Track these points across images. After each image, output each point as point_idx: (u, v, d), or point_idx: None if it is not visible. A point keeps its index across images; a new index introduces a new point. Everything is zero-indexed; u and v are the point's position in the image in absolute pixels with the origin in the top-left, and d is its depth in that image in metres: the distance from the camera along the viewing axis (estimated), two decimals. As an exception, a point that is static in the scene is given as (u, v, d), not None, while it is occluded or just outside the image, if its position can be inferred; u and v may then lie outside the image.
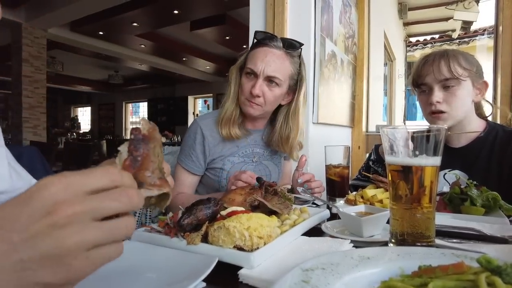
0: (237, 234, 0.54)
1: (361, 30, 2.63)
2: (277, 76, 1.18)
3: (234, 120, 1.23)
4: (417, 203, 0.54)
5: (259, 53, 1.18)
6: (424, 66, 1.23)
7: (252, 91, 1.16)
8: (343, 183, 1.15)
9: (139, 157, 0.41)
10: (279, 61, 1.19)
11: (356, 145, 2.65)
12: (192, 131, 1.27)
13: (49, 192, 0.29)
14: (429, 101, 1.22)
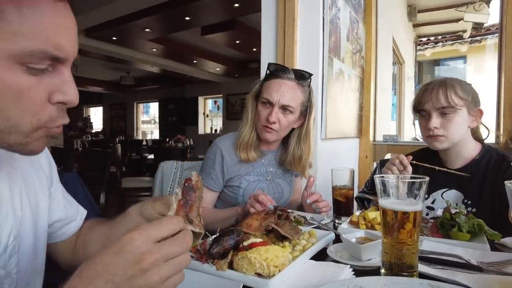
0: (257, 264, 0.68)
1: (368, 44, 2.73)
2: (290, 105, 1.33)
3: (251, 145, 1.38)
4: (403, 240, 0.67)
5: (274, 84, 1.33)
6: (424, 93, 1.35)
7: (269, 119, 1.31)
8: (348, 203, 1.28)
9: (189, 201, 0.57)
10: (292, 91, 1.34)
11: (363, 155, 2.76)
12: (212, 152, 1.42)
13: (136, 245, 0.43)
14: (427, 126, 1.33)
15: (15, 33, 0.45)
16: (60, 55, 0.50)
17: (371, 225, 1.11)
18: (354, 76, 2.49)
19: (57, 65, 0.51)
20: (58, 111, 0.53)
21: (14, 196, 0.66)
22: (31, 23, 0.46)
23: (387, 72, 3.63)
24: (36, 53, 0.47)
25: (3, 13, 0.44)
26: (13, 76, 0.46)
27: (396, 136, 2.93)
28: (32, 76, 0.48)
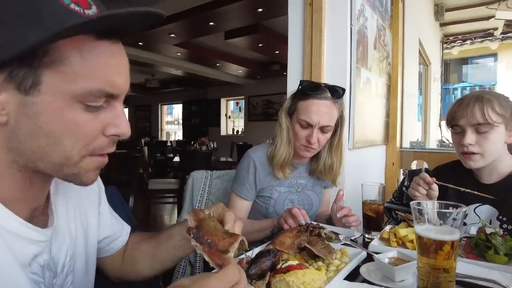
0: (295, 287, 0.71)
1: (395, 50, 2.69)
2: (330, 125, 1.37)
3: (287, 162, 1.41)
4: (439, 267, 0.68)
5: (312, 106, 1.34)
6: (458, 108, 1.30)
7: (310, 140, 1.34)
8: (378, 218, 1.28)
9: (208, 240, 0.58)
10: (329, 111, 1.36)
11: (390, 162, 2.73)
12: (246, 163, 1.47)
13: None
14: (461, 142, 1.29)
15: (77, 75, 0.50)
16: (114, 92, 0.54)
17: (402, 242, 1.11)
18: (381, 84, 2.47)
19: (111, 101, 0.55)
20: (108, 142, 0.57)
21: (70, 218, 0.72)
22: (90, 65, 0.50)
23: (413, 76, 3.57)
24: (94, 92, 0.51)
25: (67, 59, 0.49)
26: (73, 113, 0.51)
27: (423, 142, 2.88)
28: (89, 113, 0.53)
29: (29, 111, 0.49)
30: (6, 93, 0.49)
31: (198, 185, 1.81)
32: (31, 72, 0.48)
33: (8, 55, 0.46)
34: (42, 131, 0.51)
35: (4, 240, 0.53)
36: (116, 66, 0.54)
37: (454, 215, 0.69)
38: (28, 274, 0.58)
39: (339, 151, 1.48)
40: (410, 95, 3.16)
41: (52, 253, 0.65)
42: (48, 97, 0.49)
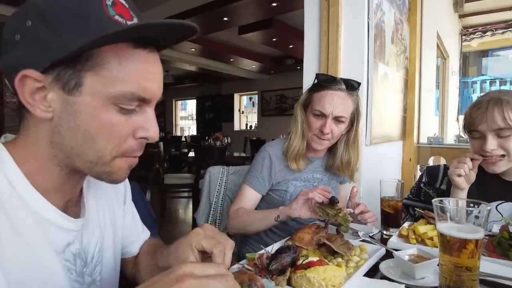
0: (316, 283, 0.72)
1: (412, 43, 2.64)
2: (343, 115, 1.36)
3: (300, 154, 1.42)
4: (462, 266, 0.68)
5: (326, 96, 1.35)
6: (476, 112, 1.24)
7: (324, 130, 1.35)
8: (396, 215, 1.27)
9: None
10: (344, 102, 1.36)
11: (407, 157, 2.70)
12: (261, 156, 1.48)
13: (181, 270, 0.47)
14: (483, 148, 1.23)
15: (114, 79, 0.54)
16: (146, 97, 0.58)
17: (422, 239, 1.11)
18: (398, 78, 2.43)
19: (143, 105, 0.59)
20: (137, 145, 0.61)
21: (99, 212, 0.76)
22: (127, 70, 0.55)
23: (431, 70, 3.49)
24: (127, 95, 0.55)
25: (107, 64, 0.54)
26: (108, 114, 0.55)
27: (441, 138, 2.82)
28: (122, 115, 0.57)
29: (71, 109, 0.54)
30: (53, 92, 0.54)
31: (215, 181, 1.83)
32: (75, 74, 0.53)
33: (58, 58, 0.50)
34: (80, 128, 0.55)
35: (41, 226, 0.58)
36: (150, 72, 0.58)
37: (478, 213, 0.68)
38: (61, 261, 0.62)
39: (356, 146, 1.48)
40: (428, 89, 3.10)
41: (83, 243, 0.69)
42: (88, 97, 0.54)
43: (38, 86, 0.53)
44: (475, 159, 1.25)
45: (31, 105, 0.54)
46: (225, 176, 1.85)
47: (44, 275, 0.58)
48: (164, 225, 4.66)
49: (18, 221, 0.55)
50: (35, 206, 0.58)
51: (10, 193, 0.55)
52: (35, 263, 0.57)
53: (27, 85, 0.53)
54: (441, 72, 5.36)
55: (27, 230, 0.56)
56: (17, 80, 0.53)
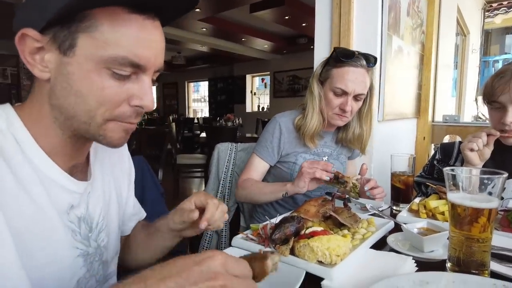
0: (319, 253, 0.70)
1: (430, 17, 2.52)
2: (363, 93, 1.34)
3: (317, 132, 1.39)
4: (474, 237, 0.64)
5: (348, 73, 1.30)
6: (498, 82, 1.18)
7: (345, 108, 1.32)
8: (407, 190, 1.24)
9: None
10: (364, 79, 1.33)
11: (421, 136, 2.63)
12: (272, 126, 1.45)
13: (215, 264, 0.44)
14: (503, 120, 1.18)
15: (106, 43, 0.54)
16: (140, 63, 0.57)
17: (432, 214, 1.07)
18: (414, 53, 2.33)
19: (139, 73, 0.59)
20: (132, 112, 0.61)
21: (104, 182, 0.76)
22: (119, 35, 0.55)
23: (449, 46, 3.34)
24: (119, 59, 0.55)
25: (101, 26, 0.54)
26: (99, 77, 0.56)
27: (457, 116, 2.73)
28: (116, 80, 0.57)
29: (64, 70, 0.56)
30: (50, 53, 0.56)
31: (223, 157, 1.82)
32: (70, 35, 0.54)
33: (52, 16, 0.52)
34: (72, 89, 0.56)
35: (44, 184, 0.59)
36: (145, 39, 0.57)
37: (492, 183, 0.64)
38: (64, 221, 0.63)
39: (368, 120, 1.45)
40: (445, 66, 2.97)
41: (89, 209, 0.70)
42: (80, 59, 0.55)
43: (37, 46, 0.55)
44: (492, 134, 1.20)
45: (30, 64, 0.56)
46: (233, 153, 1.83)
47: (45, 230, 0.59)
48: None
49: (22, 176, 0.56)
50: (39, 165, 0.59)
51: (16, 150, 0.57)
52: (37, 217, 0.58)
53: (27, 44, 0.55)
54: (460, 50, 5.14)
55: (31, 186, 0.57)
56: (17, 38, 0.54)
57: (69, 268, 0.64)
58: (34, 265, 0.57)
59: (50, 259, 0.60)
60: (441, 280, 0.61)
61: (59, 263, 0.62)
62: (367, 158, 1.81)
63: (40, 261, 0.58)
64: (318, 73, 1.40)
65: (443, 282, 0.60)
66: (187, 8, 0.62)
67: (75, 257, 0.65)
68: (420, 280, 0.60)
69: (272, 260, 0.49)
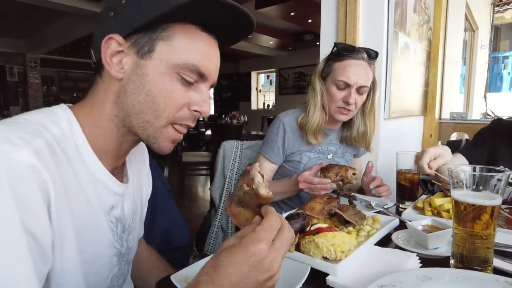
0: (324, 249, 0.71)
1: (437, 13, 2.50)
2: (366, 85, 1.34)
3: (320, 128, 1.39)
4: (477, 234, 0.65)
5: (350, 66, 1.31)
6: None
7: (348, 101, 1.32)
8: (413, 188, 1.24)
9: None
10: (366, 71, 1.33)
11: (428, 133, 2.62)
12: (276, 126, 1.46)
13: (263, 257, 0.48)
14: None
15: (181, 51, 0.62)
16: (205, 73, 0.65)
17: (438, 211, 1.08)
18: (420, 50, 2.32)
19: (200, 83, 0.66)
20: (190, 116, 0.67)
21: (135, 187, 0.80)
22: (193, 46, 0.63)
23: (457, 42, 3.30)
24: (190, 66, 0.63)
25: (177, 37, 0.62)
26: (170, 80, 0.63)
27: (465, 113, 2.71)
28: (182, 85, 0.64)
29: (140, 71, 0.62)
30: (128, 56, 0.63)
31: (229, 155, 1.83)
32: (150, 42, 0.62)
33: (139, 25, 0.60)
34: (144, 88, 0.62)
35: (95, 185, 0.64)
36: (211, 54, 0.66)
37: (496, 180, 0.65)
38: (107, 221, 0.68)
39: (372, 116, 1.45)
40: (453, 62, 2.95)
41: (124, 210, 0.74)
42: (156, 62, 0.62)
43: (118, 50, 0.62)
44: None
45: (109, 64, 0.62)
46: (239, 151, 1.85)
47: (95, 229, 0.64)
48: (183, 201, 4.77)
49: (80, 177, 0.61)
50: (91, 166, 0.63)
51: (75, 153, 0.61)
52: (90, 216, 0.63)
53: (111, 47, 0.62)
54: (468, 46, 5.08)
55: (87, 186, 0.62)
56: (103, 42, 0.61)
57: (107, 266, 0.69)
58: (83, 261, 0.61)
59: (96, 256, 0.65)
60: (444, 276, 0.61)
61: (101, 261, 0.67)
62: (373, 156, 1.81)
63: (87, 258, 0.62)
64: (320, 69, 1.40)
65: (446, 277, 0.61)
66: (242, 35, 0.71)
67: (112, 256, 0.70)
68: (423, 275, 0.61)
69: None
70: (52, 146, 0.56)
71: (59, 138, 0.58)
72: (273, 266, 0.49)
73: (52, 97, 14.07)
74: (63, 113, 0.63)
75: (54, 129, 0.59)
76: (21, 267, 0.47)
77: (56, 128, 0.59)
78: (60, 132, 0.59)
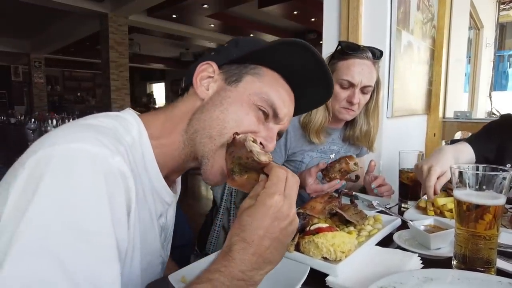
0: (324, 249, 0.70)
1: (441, 11, 2.48)
2: (370, 85, 1.32)
3: (323, 128, 1.38)
4: (480, 234, 0.64)
5: (354, 65, 1.30)
6: None
7: (352, 101, 1.31)
8: (415, 187, 1.23)
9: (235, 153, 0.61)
10: (370, 70, 1.32)
11: (431, 132, 2.59)
12: None
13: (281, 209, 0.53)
14: None
15: (264, 87, 0.69)
16: (279, 113, 0.70)
17: (440, 211, 1.06)
18: (424, 48, 2.30)
19: (272, 122, 0.71)
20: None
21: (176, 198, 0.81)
22: (275, 87, 0.70)
23: (462, 41, 3.27)
24: (268, 101, 0.68)
25: (264, 76, 0.70)
26: (247, 107, 0.67)
27: (469, 112, 2.68)
28: (256, 117, 0.68)
29: (223, 93, 0.68)
30: (217, 82, 0.69)
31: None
32: (239, 74, 0.69)
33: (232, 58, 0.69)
34: (222, 106, 0.67)
35: (152, 194, 0.66)
36: (287, 101, 0.72)
37: (500, 180, 0.63)
38: (158, 228, 0.70)
39: (375, 116, 1.44)
40: (457, 61, 2.92)
41: (168, 218, 0.75)
42: (240, 90, 0.68)
43: (210, 75, 0.69)
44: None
45: (197, 85, 0.68)
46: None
47: (152, 237, 0.67)
48: (186, 200, 4.78)
49: (144, 187, 0.63)
50: (153, 176, 0.65)
51: (141, 161, 0.63)
52: (149, 225, 0.65)
53: (205, 71, 0.69)
54: (473, 44, 5.03)
55: (148, 195, 0.64)
56: (200, 65, 0.69)
57: (155, 275, 0.71)
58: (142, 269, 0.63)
59: (149, 265, 0.67)
60: (445, 277, 0.60)
61: (151, 269, 0.69)
62: (376, 155, 1.80)
63: (144, 266, 0.64)
64: None
65: (447, 279, 0.60)
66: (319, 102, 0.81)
67: (158, 264, 0.72)
68: (424, 276, 0.60)
69: None
70: (127, 154, 0.57)
71: (131, 145, 0.61)
72: (290, 212, 0.54)
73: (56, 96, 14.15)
74: (133, 121, 0.65)
75: (127, 136, 0.61)
76: (111, 270, 0.48)
77: (128, 136, 0.61)
78: (132, 140, 0.61)
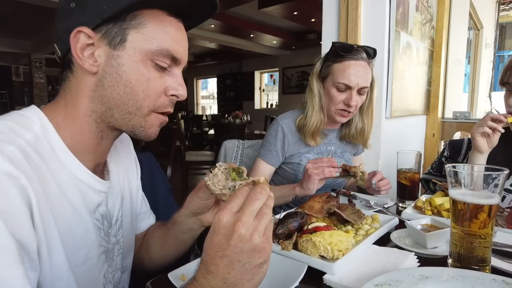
0: (321, 247, 0.71)
1: (440, 12, 2.49)
2: (367, 86, 1.33)
3: (318, 130, 1.39)
4: (475, 233, 0.65)
5: (350, 67, 1.29)
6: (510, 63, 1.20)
7: (350, 103, 1.31)
8: (413, 187, 1.24)
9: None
10: (366, 71, 1.32)
11: (430, 133, 2.60)
12: (274, 129, 1.46)
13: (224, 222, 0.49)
14: (508, 102, 1.20)
15: (152, 37, 0.62)
16: (177, 56, 0.65)
17: (438, 211, 1.07)
18: (423, 49, 2.31)
19: (173, 66, 0.66)
20: (168, 102, 0.67)
21: (120, 179, 0.80)
22: (163, 32, 0.63)
23: (461, 41, 3.27)
24: (163, 52, 0.63)
25: (148, 24, 0.62)
26: (146, 68, 0.63)
27: (468, 112, 2.69)
28: (157, 72, 0.64)
29: (114, 62, 0.61)
30: (100, 49, 0.61)
31: (230, 154, 1.84)
32: (121, 32, 0.61)
33: (108, 15, 0.59)
34: (122, 79, 0.62)
35: (77, 187, 0.64)
36: (180, 38, 0.66)
37: (494, 179, 0.64)
38: (93, 220, 0.68)
39: (369, 114, 1.44)
40: (457, 61, 2.93)
41: (109, 205, 0.74)
42: (130, 51, 0.61)
43: (88, 43, 0.60)
44: (499, 120, 1.20)
45: (81, 59, 0.61)
46: (240, 150, 1.85)
47: (83, 231, 0.64)
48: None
49: (60, 181, 0.60)
50: (71, 168, 0.63)
51: (52, 156, 0.60)
52: (75, 219, 0.63)
53: (80, 40, 0.60)
54: (473, 45, 5.03)
55: (68, 189, 0.61)
56: (72, 36, 0.59)
57: (97, 265, 0.69)
58: (73, 264, 0.61)
59: (85, 258, 0.65)
60: (440, 275, 0.61)
61: (91, 261, 0.67)
62: (375, 155, 1.81)
63: (77, 260, 0.63)
64: (318, 70, 1.38)
65: (442, 277, 0.61)
66: (205, 16, 0.71)
67: (100, 255, 0.70)
68: (420, 274, 0.61)
69: None
70: (26, 152, 0.54)
71: (33, 143, 0.57)
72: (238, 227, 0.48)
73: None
74: (35, 117, 0.61)
75: (27, 134, 0.57)
76: (14, 273, 0.47)
77: (28, 133, 0.58)
78: (34, 137, 0.58)
